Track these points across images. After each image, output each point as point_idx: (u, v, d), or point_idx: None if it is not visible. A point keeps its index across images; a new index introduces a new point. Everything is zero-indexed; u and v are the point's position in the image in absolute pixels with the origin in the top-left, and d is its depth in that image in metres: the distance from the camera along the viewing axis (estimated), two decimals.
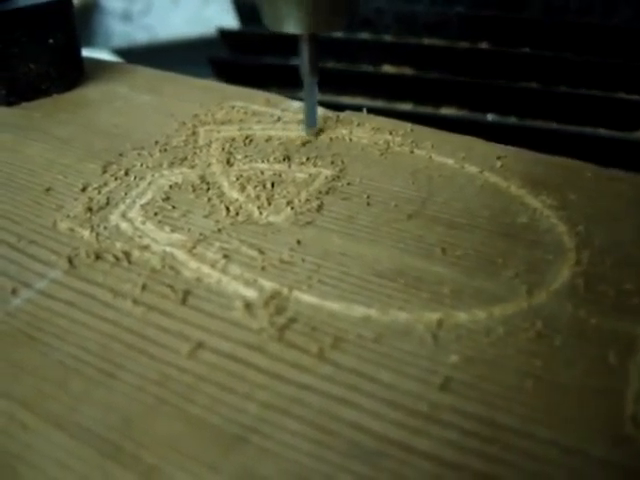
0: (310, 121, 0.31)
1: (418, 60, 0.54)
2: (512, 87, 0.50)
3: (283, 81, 0.54)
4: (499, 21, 0.54)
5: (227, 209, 0.26)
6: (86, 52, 0.38)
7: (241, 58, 0.58)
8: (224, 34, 0.59)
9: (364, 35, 0.56)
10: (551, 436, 0.18)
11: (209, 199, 0.27)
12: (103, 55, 0.88)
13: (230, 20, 1.14)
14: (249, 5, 0.60)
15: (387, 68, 0.54)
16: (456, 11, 0.55)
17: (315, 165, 0.29)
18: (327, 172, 0.29)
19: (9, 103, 0.35)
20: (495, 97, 0.50)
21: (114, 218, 0.26)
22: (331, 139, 0.31)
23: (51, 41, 0.35)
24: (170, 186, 0.28)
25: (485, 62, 0.52)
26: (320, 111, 0.33)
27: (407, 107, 0.53)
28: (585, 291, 0.23)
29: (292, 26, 0.28)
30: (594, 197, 0.27)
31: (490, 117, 0.51)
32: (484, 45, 0.54)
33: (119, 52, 1.04)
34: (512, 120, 0.50)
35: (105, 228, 0.26)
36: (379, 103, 0.53)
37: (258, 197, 0.27)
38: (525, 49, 0.53)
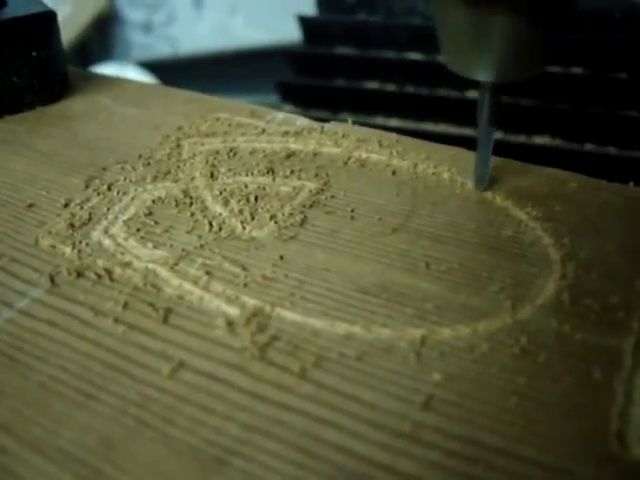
0: (481, 175, 0.28)
1: (507, 86, 0.50)
2: (609, 115, 0.46)
3: (356, 105, 0.51)
4: (593, 44, 0.50)
5: (210, 224, 0.26)
6: (110, 68, 0.37)
7: (310, 81, 0.54)
8: (289, 54, 0.55)
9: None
10: (535, 455, 0.18)
11: (192, 214, 0.27)
12: (129, 70, 0.86)
13: (258, 32, 1.12)
14: (315, 23, 0.56)
15: (472, 93, 0.50)
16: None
17: (299, 178, 0.29)
18: (311, 185, 0.28)
19: None
20: (591, 126, 0.46)
21: (96, 234, 0.26)
22: (315, 151, 0.31)
23: (34, 54, 0.34)
24: (153, 201, 0.28)
25: (579, 88, 0.48)
26: (306, 122, 0.33)
27: (496, 135, 0.49)
28: (570, 305, 0.22)
29: (478, 72, 0.25)
30: (580, 208, 0.27)
31: (587, 147, 0.47)
32: (578, 70, 0.50)
33: (145, 66, 0.99)
34: (611, 150, 0.46)
35: (87, 245, 0.26)
36: (465, 130, 0.49)
37: (241, 211, 0.27)
38: (622, 74, 0.49)
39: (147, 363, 0.21)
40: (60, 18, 0.36)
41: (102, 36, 1.21)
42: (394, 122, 0.50)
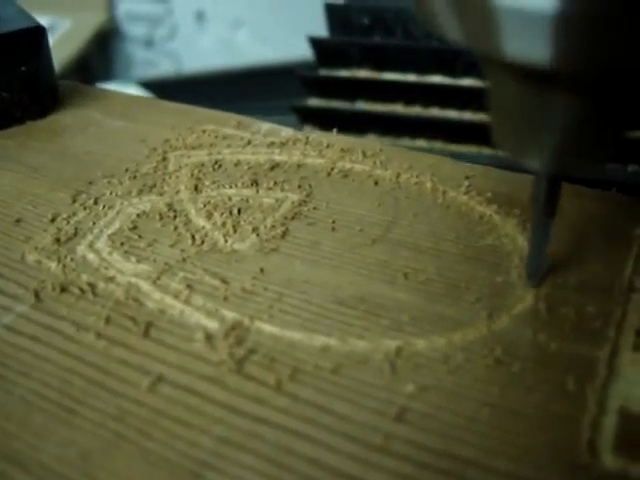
0: (533, 268, 0.24)
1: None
2: None
3: (381, 127, 0.48)
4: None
5: (193, 238, 0.27)
6: (113, 86, 0.37)
7: (331, 104, 0.51)
8: (305, 79, 0.51)
9: (467, 82, 0.49)
10: (508, 467, 0.18)
11: (175, 227, 0.27)
12: (131, 89, 0.85)
13: (264, 48, 1.11)
14: (330, 45, 0.53)
15: None
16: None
17: (282, 189, 0.29)
18: (294, 197, 0.29)
19: None
20: (634, 148, 0.42)
21: (81, 249, 0.26)
22: (300, 162, 0.31)
23: (23, 68, 0.35)
24: (138, 215, 0.28)
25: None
26: (291, 132, 0.34)
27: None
28: (547, 315, 0.23)
29: (533, 161, 0.21)
30: (560, 215, 0.27)
31: (630, 168, 0.42)
32: None
33: (148, 85, 0.97)
34: None
35: (72, 259, 0.26)
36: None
37: (224, 224, 0.27)
38: None
39: (127, 377, 0.21)
40: (60, 34, 0.36)
41: (103, 52, 1.20)
42: (421, 143, 0.49)
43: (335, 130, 0.33)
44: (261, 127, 0.34)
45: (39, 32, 0.35)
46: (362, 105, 0.50)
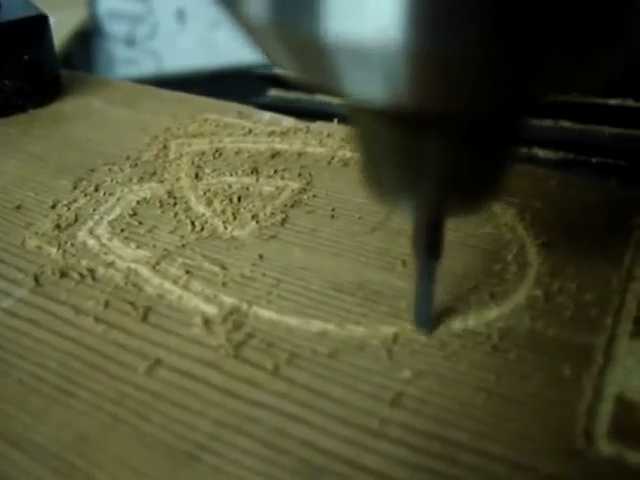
0: (421, 315, 0.22)
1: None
2: None
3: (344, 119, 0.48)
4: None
5: (192, 224, 0.27)
6: None
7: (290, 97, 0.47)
8: (262, 77, 0.52)
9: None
10: (501, 452, 0.18)
11: (175, 214, 0.27)
12: None
13: (242, 47, 1.11)
14: None
15: None
16: None
17: (282, 178, 0.29)
18: (294, 185, 0.29)
19: None
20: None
21: (82, 235, 0.27)
22: (300, 151, 0.31)
23: (26, 57, 0.35)
24: (138, 201, 0.28)
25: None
26: (292, 122, 0.34)
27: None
28: (544, 303, 0.23)
29: (407, 203, 0.18)
30: (558, 206, 0.27)
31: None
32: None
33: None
34: None
35: (72, 245, 0.26)
36: None
37: (224, 211, 0.27)
38: None
39: (125, 361, 0.21)
40: None
41: (84, 50, 1.18)
42: None
43: (336, 120, 0.33)
44: (262, 116, 0.34)
45: (42, 20, 0.36)
46: (322, 99, 0.49)
